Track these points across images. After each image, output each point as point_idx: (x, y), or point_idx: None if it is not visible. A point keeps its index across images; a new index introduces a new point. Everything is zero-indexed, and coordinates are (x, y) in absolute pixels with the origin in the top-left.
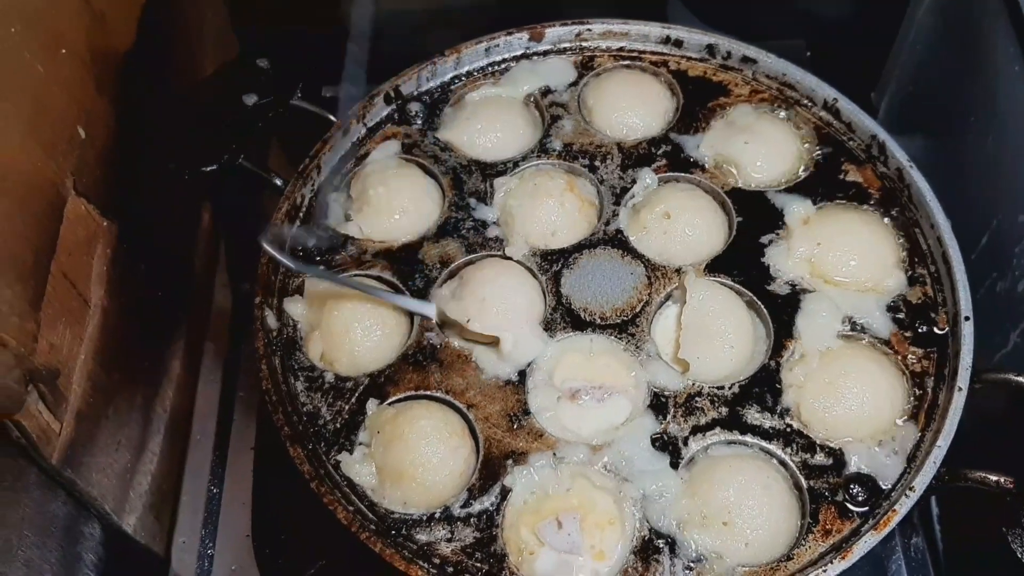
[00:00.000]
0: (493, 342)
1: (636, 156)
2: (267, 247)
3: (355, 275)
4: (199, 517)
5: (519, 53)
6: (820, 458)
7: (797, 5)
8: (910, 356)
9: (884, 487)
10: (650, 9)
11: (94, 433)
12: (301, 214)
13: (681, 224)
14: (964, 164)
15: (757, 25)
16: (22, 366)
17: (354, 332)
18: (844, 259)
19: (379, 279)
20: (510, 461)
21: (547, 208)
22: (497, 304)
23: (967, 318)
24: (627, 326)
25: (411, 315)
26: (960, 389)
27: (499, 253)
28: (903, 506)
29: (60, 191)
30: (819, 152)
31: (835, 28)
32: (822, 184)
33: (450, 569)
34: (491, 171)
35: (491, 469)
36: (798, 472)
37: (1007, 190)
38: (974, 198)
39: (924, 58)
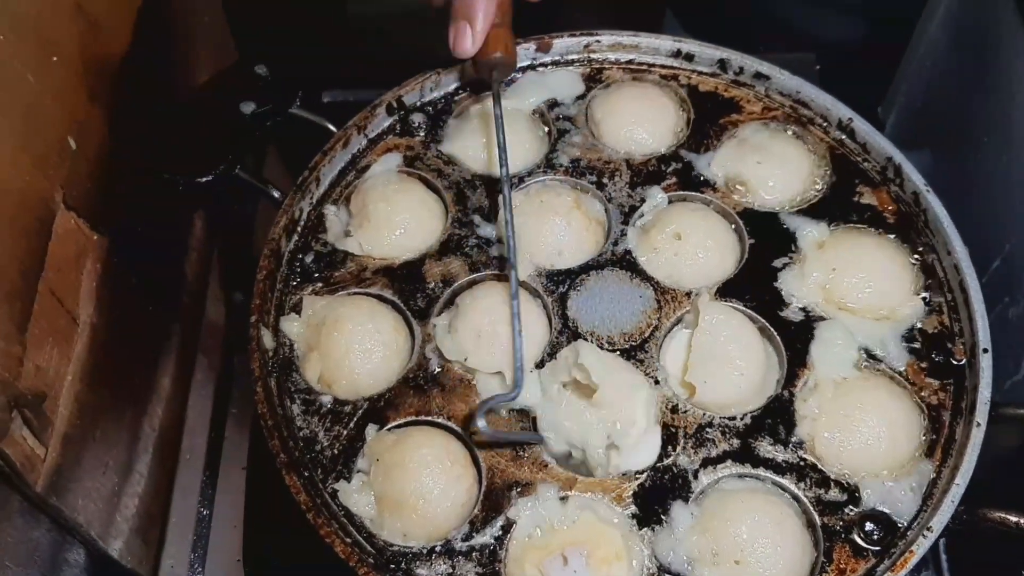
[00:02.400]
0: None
1: (645, 173)
2: None
3: (354, 292)
4: (188, 540)
5: (526, 64)
6: (834, 494)
7: (808, 19)
8: (926, 388)
9: (900, 525)
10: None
11: (80, 457)
12: (299, 228)
13: (692, 246)
14: (975, 185)
15: (767, 38)
16: (6, 392)
17: (353, 354)
18: (860, 286)
19: (379, 297)
20: (514, 492)
21: (553, 226)
22: (494, 339)
23: (985, 350)
24: (635, 352)
25: (412, 336)
26: (979, 424)
27: (503, 273)
28: (920, 547)
29: (49, 205)
30: (832, 174)
31: (845, 41)
32: (836, 206)
33: None
34: (496, 187)
35: (494, 500)
36: (811, 508)
37: (1021, 213)
38: (986, 220)
39: (934, 73)
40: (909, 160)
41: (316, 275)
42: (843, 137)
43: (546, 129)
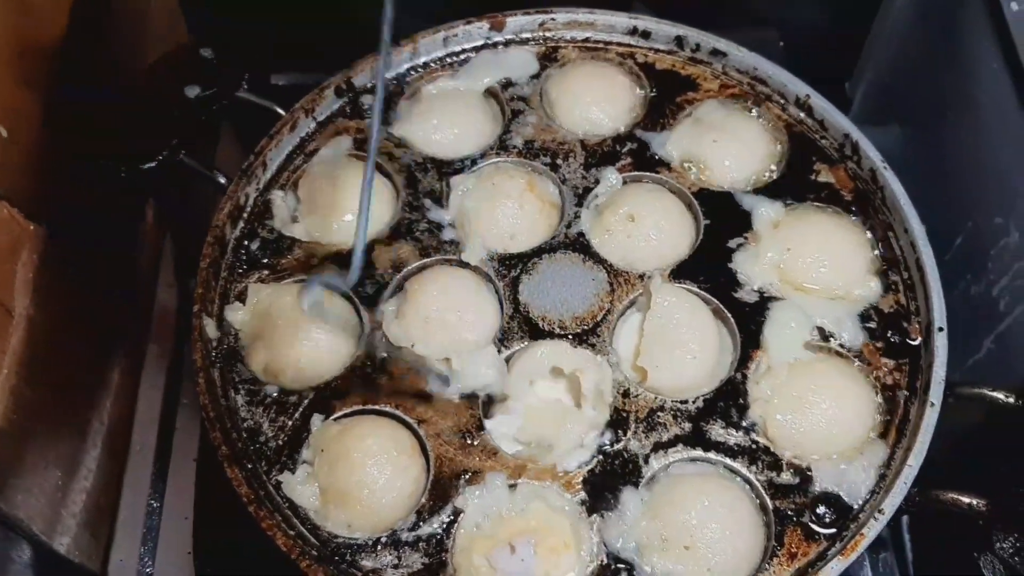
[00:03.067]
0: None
1: (600, 154)
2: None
3: (301, 280)
4: (138, 533)
5: (479, 43)
6: (786, 476)
7: None
8: (881, 368)
9: (852, 507)
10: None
11: (19, 453)
12: (245, 215)
13: (646, 227)
14: (940, 161)
15: (728, 14)
16: None
17: (299, 342)
18: (815, 265)
19: (327, 285)
20: (462, 481)
21: (506, 210)
22: (442, 325)
23: (940, 329)
24: (587, 336)
25: (360, 323)
26: (932, 404)
27: (454, 257)
28: (871, 530)
29: None
30: (789, 151)
31: (809, 17)
32: (793, 185)
33: None
34: (448, 169)
35: (442, 489)
36: (763, 492)
37: (985, 191)
38: (949, 197)
39: (901, 49)
40: (876, 136)
41: (263, 262)
42: (801, 114)
43: (499, 110)
